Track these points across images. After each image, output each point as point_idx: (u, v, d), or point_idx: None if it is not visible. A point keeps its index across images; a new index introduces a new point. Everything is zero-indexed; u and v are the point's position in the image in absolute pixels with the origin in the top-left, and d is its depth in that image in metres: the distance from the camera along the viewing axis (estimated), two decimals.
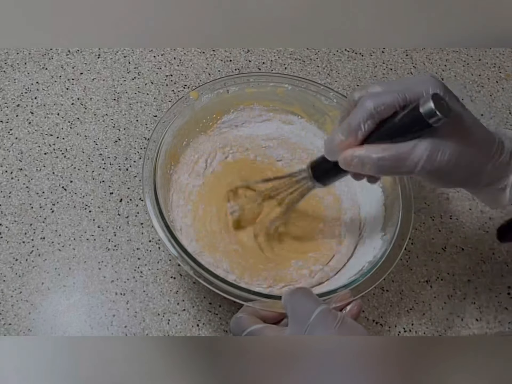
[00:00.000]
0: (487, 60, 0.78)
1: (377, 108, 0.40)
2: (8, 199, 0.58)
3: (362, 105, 0.40)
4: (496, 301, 0.58)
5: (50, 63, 0.69)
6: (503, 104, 0.74)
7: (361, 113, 0.40)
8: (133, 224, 0.58)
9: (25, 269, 0.55)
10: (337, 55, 0.75)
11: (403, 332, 0.56)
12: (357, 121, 0.41)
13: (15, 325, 0.52)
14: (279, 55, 0.74)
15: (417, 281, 0.58)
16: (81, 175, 0.61)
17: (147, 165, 0.51)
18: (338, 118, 0.45)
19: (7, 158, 0.61)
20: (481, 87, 0.75)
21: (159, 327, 0.53)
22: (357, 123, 0.40)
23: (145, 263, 0.56)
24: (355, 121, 0.41)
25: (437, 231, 0.62)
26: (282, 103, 0.61)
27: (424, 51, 0.77)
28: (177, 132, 0.56)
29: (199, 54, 0.72)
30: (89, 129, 0.64)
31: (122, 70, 0.69)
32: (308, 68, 0.73)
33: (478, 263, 0.60)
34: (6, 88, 0.66)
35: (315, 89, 0.59)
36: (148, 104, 0.67)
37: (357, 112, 0.41)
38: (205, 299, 0.55)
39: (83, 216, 0.58)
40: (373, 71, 0.74)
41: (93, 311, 0.53)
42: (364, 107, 0.40)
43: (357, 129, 0.41)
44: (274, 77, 0.60)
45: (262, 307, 0.45)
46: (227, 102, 0.59)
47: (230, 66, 0.72)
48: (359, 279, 0.48)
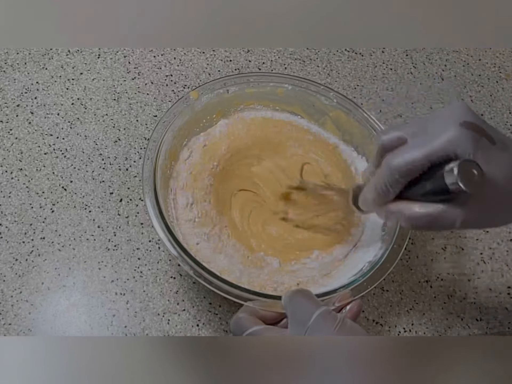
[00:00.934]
0: (487, 60, 0.78)
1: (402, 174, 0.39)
2: (8, 199, 0.58)
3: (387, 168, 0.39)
4: (496, 301, 0.58)
5: (50, 63, 0.69)
6: (503, 104, 0.74)
7: (386, 176, 0.40)
8: (133, 224, 0.58)
9: (25, 269, 0.55)
10: (337, 55, 0.75)
11: (403, 332, 0.56)
12: (383, 184, 0.40)
13: (15, 325, 0.52)
14: (279, 55, 0.74)
15: (417, 281, 0.58)
16: (81, 175, 0.61)
17: (147, 165, 0.51)
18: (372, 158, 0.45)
19: (7, 158, 0.61)
20: (481, 87, 0.75)
21: (159, 327, 0.53)
22: (384, 186, 0.40)
23: (145, 263, 0.56)
24: (381, 184, 0.40)
25: (437, 231, 0.62)
26: (282, 103, 0.61)
27: (424, 51, 0.77)
28: (177, 132, 0.56)
29: (199, 54, 0.72)
30: (89, 129, 0.64)
31: (122, 70, 0.69)
32: (308, 68, 0.73)
33: (478, 263, 0.60)
34: (6, 88, 0.66)
35: (315, 89, 0.59)
36: (148, 104, 0.67)
37: (382, 174, 0.40)
38: (205, 299, 0.55)
39: (83, 216, 0.58)
40: (373, 71, 0.74)
41: (93, 311, 0.53)
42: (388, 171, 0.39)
43: (385, 192, 0.41)
44: (274, 77, 0.60)
45: (262, 307, 0.45)
46: (227, 102, 0.59)
47: (230, 66, 0.72)
48: (359, 279, 0.48)
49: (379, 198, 0.42)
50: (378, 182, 0.41)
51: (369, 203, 0.44)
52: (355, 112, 0.59)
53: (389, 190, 0.40)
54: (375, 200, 0.42)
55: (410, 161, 0.38)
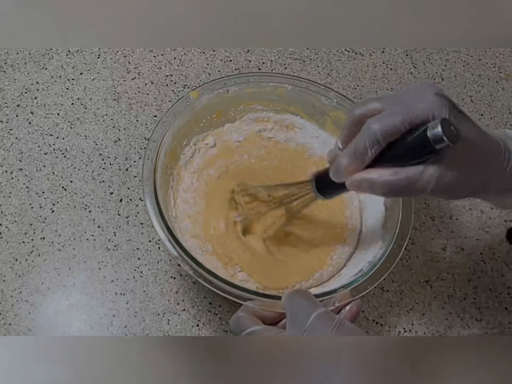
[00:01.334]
0: (487, 60, 0.78)
1: (384, 134, 0.39)
2: (8, 199, 0.58)
3: (368, 130, 0.40)
4: (496, 301, 0.58)
5: (50, 63, 0.69)
6: (503, 104, 0.74)
7: (367, 138, 0.40)
8: (133, 224, 0.58)
9: (25, 269, 0.55)
10: (337, 55, 0.75)
11: (403, 332, 0.56)
12: (363, 147, 0.40)
13: (15, 325, 0.52)
14: (279, 55, 0.74)
15: (417, 281, 0.58)
16: (81, 175, 0.61)
17: (147, 165, 0.51)
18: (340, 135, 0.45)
19: (7, 158, 0.61)
20: (481, 87, 0.75)
21: (159, 327, 0.53)
22: (364, 148, 0.40)
23: (145, 263, 0.56)
24: (361, 146, 0.40)
25: (437, 231, 0.62)
26: (282, 103, 0.61)
27: (424, 51, 0.77)
28: (177, 132, 0.56)
29: (199, 54, 0.72)
30: (89, 129, 0.64)
31: (122, 70, 0.69)
32: (308, 68, 0.73)
33: (478, 263, 0.60)
34: (6, 88, 0.66)
35: (315, 89, 0.59)
36: (148, 104, 0.67)
37: (362, 136, 0.40)
38: (205, 299, 0.55)
39: (83, 216, 0.58)
40: (373, 71, 0.74)
41: (93, 311, 0.53)
42: (370, 132, 0.39)
43: (363, 155, 0.40)
44: (274, 77, 0.60)
45: (262, 306, 0.45)
46: (227, 102, 0.59)
47: (230, 66, 0.72)
48: (359, 279, 0.48)
49: (354, 163, 0.41)
50: (357, 146, 0.41)
51: (342, 172, 0.43)
52: None
53: (367, 153, 0.40)
54: (349, 166, 0.42)
55: (392, 123, 0.39)
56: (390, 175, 0.40)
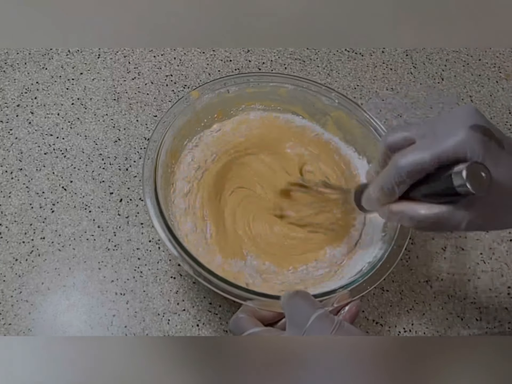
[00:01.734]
0: (487, 60, 0.78)
1: (409, 174, 0.38)
2: (8, 199, 0.58)
3: (395, 167, 0.39)
4: (496, 301, 0.58)
5: (50, 63, 0.69)
6: (503, 104, 0.74)
7: (394, 175, 0.39)
8: (133, 224, 0.58)
9: (25, 269, 0.55)
10: (337, 55, 0.75)
11: (403, 332, 0.56)
12: (390, 183, 0.40)
13: (15, 325, 0.52)
14: (279, 55, 0.74)
15: (417, 281, 0.58)
16: (81, 175, 0.61)
17: (148, 165, 0.51)
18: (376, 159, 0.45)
19: (7, 158, 0.61)
20: (481, 87, 0.75)
21: (159, 327, 0.53)
22: (390, 185, 0.40)
23: (145, 263, 0.56)
24: (388, 183, 0.40)
25: None
26: (283, 103, 0.61)
27: (424, 51, 0.77)
28: (178, 131, 0.56)
29: (199, 54, 0.72)
30: (89, 129, 0.64)
31: (122, 70, 0.69)
32: (308, 68, 0.73)
33: (478, 263, 0.60)
34: (6, 88, 0.66)
35: (316, 89, 0.59)
36: (148, 104, 0.67)
37: (389, 173, 0.40)
38: (205, 299, 0.55)
39: (83, 216, 0.58)
40: (373, 71, 0.74)
41: (93, 311, 0.53)
42: (396, 169, 0.39)
43: (390, 191, 0.40)
44: (276, 77, 0.60)
45: (261, 306, 0.45)
46: (228, 102, 0.59)
47: (230, 66, 0.72)
48: (358, 280, 0.48)
49: (383, 197, 0.42)
50: (384, 181, 0.41)
51: (373, 202, 0.43)
52: (356, 113, 0.59)
53: (394, 189, 0.40)
54: (379, 199, 0.42)
55: (419, 161, 0.38)
56: (422, 210, 0.39)
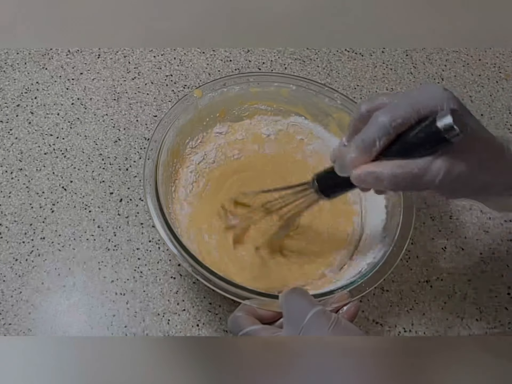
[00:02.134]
0: (487, 60, 0.78)
1: (393, 124, 0.38)
2: (8, 199, 0.58)
3: (376, 121, 0.39)
4: (496, 301, 0.58)
5: (50, 63, 0.69)
6: (503, 104, 0.74)
7: (376, 129, 0.39)
8: (133, 224, 0.58)
9: (25, 269, 0.55)
10: (337, 55, 0.75)
11: (403, 332, 0.56)
12: (371, 138, 0.39)
13: (15, 325, 0.52)
14: (279, 55, 0.74)
15: (417, 281, 0.58)
16: (81, 175, 0.61)
17: (148, 165, 0.51)
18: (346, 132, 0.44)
19: (7, 158, 0.61)
20: (481, 87, 0.75)
21: (159, 327, 0.53)
22: (372, 140, 0.39)
23: (145, 263, 0.56)
24: (369, 137, 0.39)
25: (437, 231, 0.62)
26: (286, 103, 0.61)
27: (424, 51, 0.77)
28: (180, 130, 0.55)
29: (199, 54, 0.72)
30: (89, 129, 0.64)
31: (122, 70, 0.69)
32: (308, 68, 0.73)
33: (478, 263, 0.60)
34: (6, 88, 0.66)
35: (318, 90, 0.59)
36: (148, 104, 0.67)
37: (370, 128, 0.39)
38: (205, 299, 0.55)
39: (83, 216, 0.58)
40: (373, 71, 0.74)
41: (93, 311, 0.53)
42: (378, 123, 0.39)
43: (371, 146, 0.39)
44: (278, 77, 0.60)
45: (259, 305, 0.45)
46: (231, 101, 0.59)
47: (230, 66, 0.72)
48: (357, 281, 0.48)
49: (361, 155, 0.40)
50: (365, 137, 0.40)
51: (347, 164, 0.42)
52: None
53: (375, 144, 0.39)
54: (356, 158, 0.41)
55: (401, 113, 0.38)
56: (398, 167, 0.39)
